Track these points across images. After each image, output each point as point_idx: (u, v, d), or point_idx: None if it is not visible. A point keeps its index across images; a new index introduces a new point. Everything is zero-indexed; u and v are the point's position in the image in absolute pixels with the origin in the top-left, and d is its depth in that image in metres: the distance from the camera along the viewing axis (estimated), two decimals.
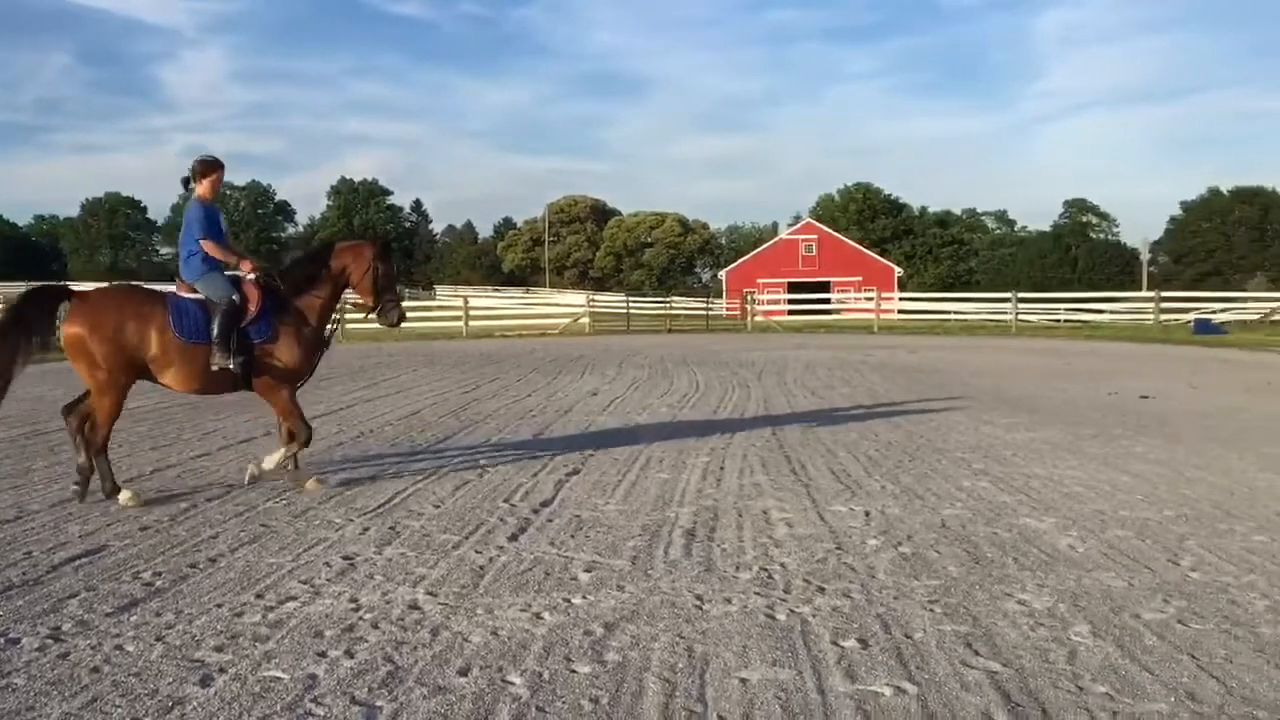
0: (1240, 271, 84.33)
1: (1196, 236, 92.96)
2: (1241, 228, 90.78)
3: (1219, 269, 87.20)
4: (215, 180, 7.93)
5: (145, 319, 7.40)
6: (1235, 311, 41.54)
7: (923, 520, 6.73)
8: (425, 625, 4.64)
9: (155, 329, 7.39)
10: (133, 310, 7.43)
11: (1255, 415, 12.38)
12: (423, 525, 6.54)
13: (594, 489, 7.70)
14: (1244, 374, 18.73)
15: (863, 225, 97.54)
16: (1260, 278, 76.27)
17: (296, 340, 7.79)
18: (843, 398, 14.40)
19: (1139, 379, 17.32)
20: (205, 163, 7.93)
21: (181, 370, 7.48)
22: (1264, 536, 6.26)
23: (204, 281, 7.62)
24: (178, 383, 7.57)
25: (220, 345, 7.42)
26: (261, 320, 7.67)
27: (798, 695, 3.86)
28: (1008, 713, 3.70)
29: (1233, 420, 11.86)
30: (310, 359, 7.95)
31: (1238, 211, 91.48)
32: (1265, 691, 3.90)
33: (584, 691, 3.89)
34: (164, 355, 7.41)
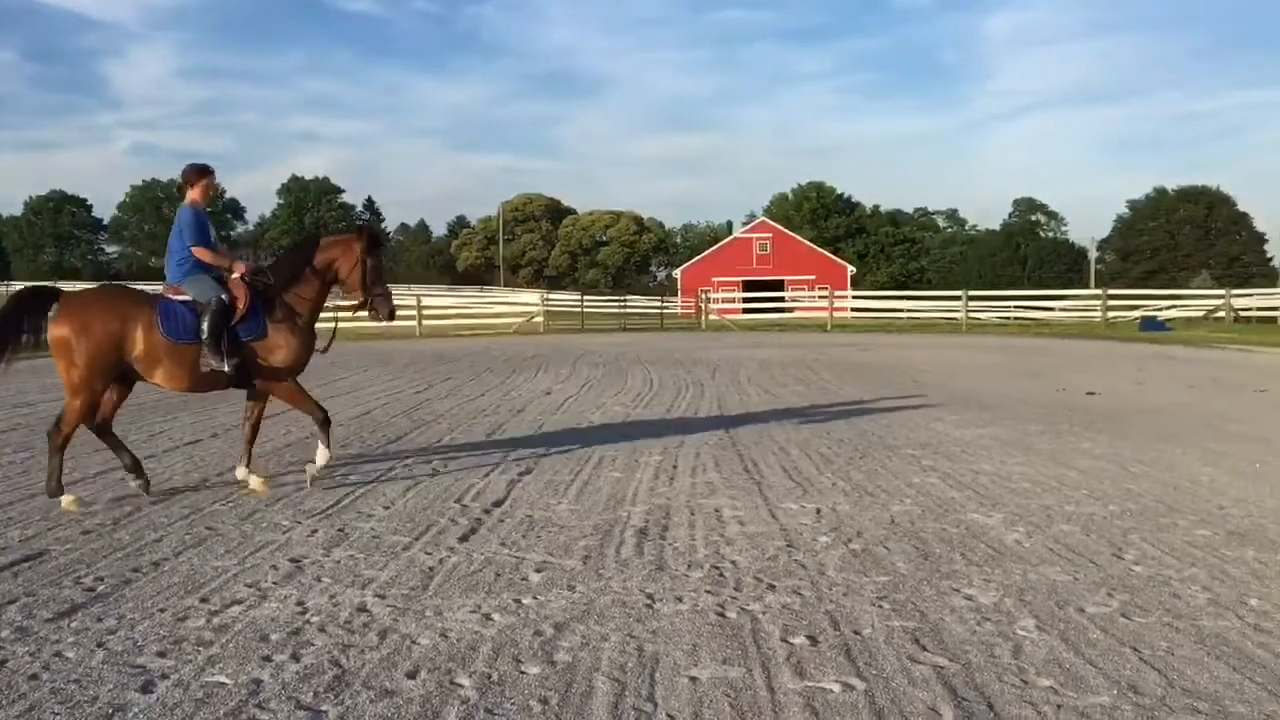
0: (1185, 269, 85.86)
1: (1143, 235, 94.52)
2: (1186, 226, 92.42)
3: (1164, 267, 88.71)
4: (206, 185, 7.90)
5: (133, 320, 7.37)
6: (1180, 309, 42.36)
7: (873, 517, 6.77)
8: (373, 628, 4.60)
9: (143, 329, 7.36)
10: (120, 311, 7.39)
11: (1199, 411, 12.61)
12: (372, 527, 6.48)
13: (546, 489, 7.67)
14: (1188, 370, 19.07)
15: (816, 224, 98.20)
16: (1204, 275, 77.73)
17: (289, 335, 7.77)
18: (796, 396, 14.48)
19: (1086, 376, 17.58)
20: (196, 168, 7.89)
21: (171, 370, 7.46)
22: (1206, 530, 6.38)
23: (190, 283, 7.59)
24: (168, 382, 7.55)
25: (211, 346, 7.39)
26: (251, 318, 7.64)
27: (747, 693, 3.87)
28: (954, 707, 3.73)
29: (1177, 416, 12.07)
30: (304, 352, 7.91)
31: (1183, 211, 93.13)
32: (1205, 683, 3.96)
33: (533, 692, 3.88)
34: (152, 355, 7.39)
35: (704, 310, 45.56)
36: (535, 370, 19.01)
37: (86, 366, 7.21)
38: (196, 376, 7.53)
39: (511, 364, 20.54)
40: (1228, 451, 9.38)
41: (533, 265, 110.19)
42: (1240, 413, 12.44)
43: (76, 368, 7.22)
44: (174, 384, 7.58)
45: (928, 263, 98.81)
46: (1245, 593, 5.10)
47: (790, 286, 70.74)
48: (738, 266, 78.43)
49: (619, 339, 33.04)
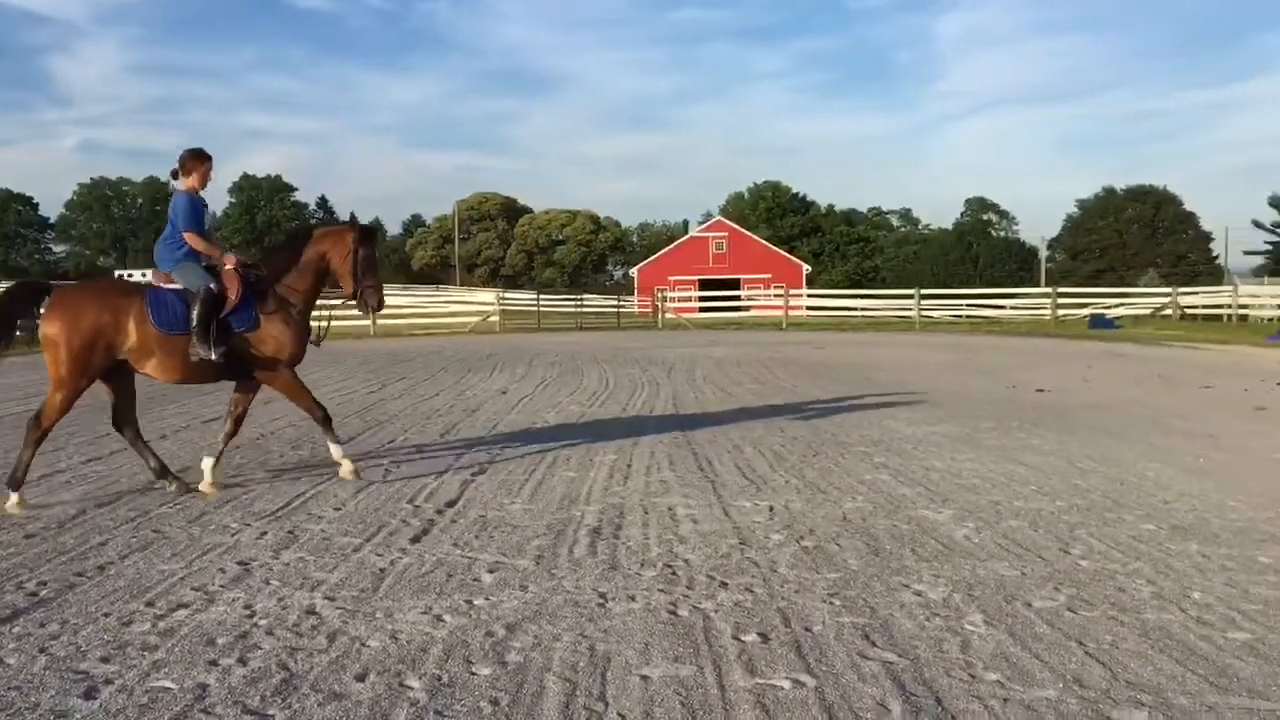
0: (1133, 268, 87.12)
1: (1092, 234, 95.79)
2: (1134, 226, 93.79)
3: (1113, 265, 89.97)
4: (204, 172, 7.87)
5: (124, 312, 7.38)
6: (1128, 306, 43.02)
7: (825, 514, 6.82)
8: (322, 630, 4.55)
9: (134, 320, 7.37)
10: (111, 304, 7.40)
11: (1145, 407, 12.82)
12: (322, 529, 6.42)
13: (500, 488, 7.64)
14: (1136, 367, 19.37)
15: (772, 223, 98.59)
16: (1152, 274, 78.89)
17: (282, 325, 7.77)
18: (751, 394, 14.53)
19: (1036, 373, 17.80)
20: (194, 154, 7.87)
21: (162, 360, 7.47)
22: (1151, 525, 6.48)
23: (180, 270, 7.59)
24: (159, 373, 7.55)
25: (200, 335, 7.40)
26: (243, 309, 7.63)
27: (698, 691, 3.88)
28: (903, 702, 3.77)
29: (1124, 412, 12.26)
30: (298, 343, 7.90)
31: (1131, 210, 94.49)
32: (1149, 676, 4.03)
33: (484, 693, 3.86)
34: (144, 346, 7.39)
35: (660, 309, 45.60)
36: (490, 370, 18.93)
37: (74, 361, 7.25)
38: (188, 367, 7.54)
39: (466, 364, 20.43)
40: (1173, 447, 9.54)
41: (489, 264, 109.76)
42: (1186, 409, 12.66)
43: (64, 363, 7.24)
44: (165, 375, 7.59)
45: (882, 261, 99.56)
46: (1188, 586, 5.19)
47: (746, 285, 70.98)
48: (694, 265, 78.57)
49: (575, 338, 32.99)
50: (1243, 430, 10.70)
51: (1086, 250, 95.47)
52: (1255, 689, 3.89)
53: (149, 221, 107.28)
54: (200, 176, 7.83)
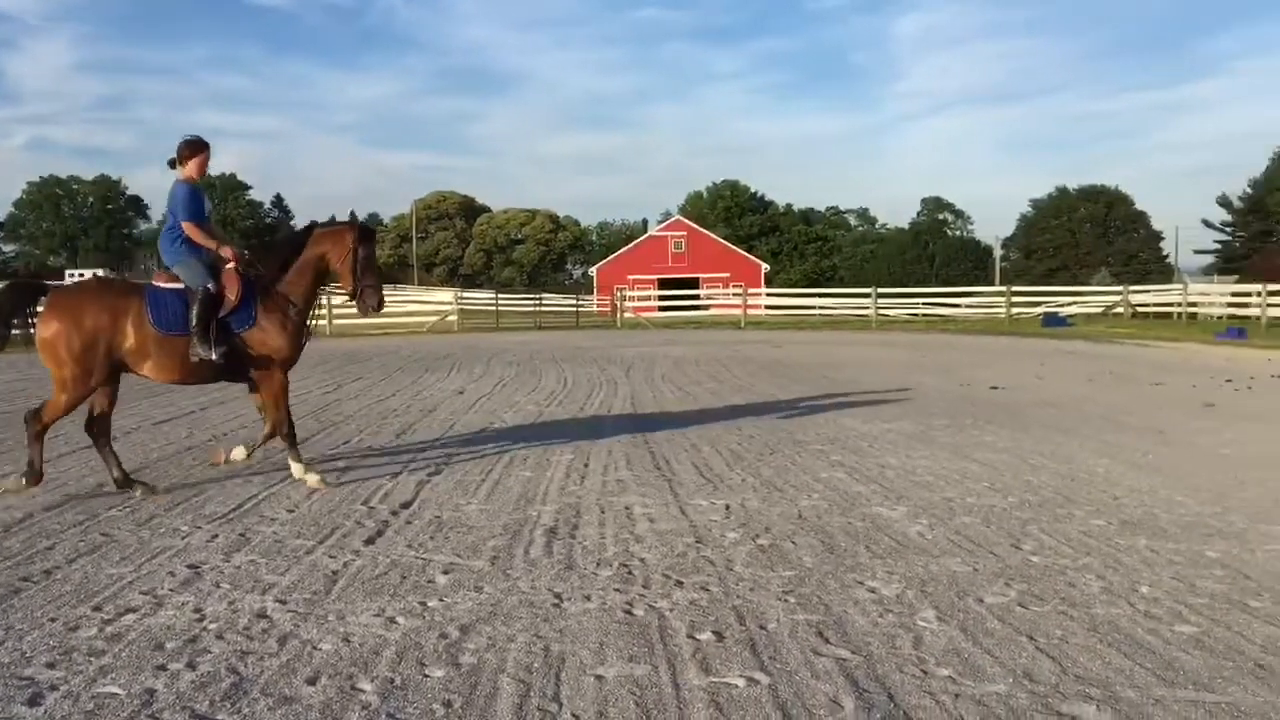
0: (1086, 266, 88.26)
1: (1045, 233, 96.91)
2: (1087, 225, 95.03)
3: (1066, 264, 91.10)
4: (201, 161, 7.83)
5: (122, 313, 7.33)
6: (1081, 305, 43.59)
7: (781, 512, 6.84)
8: (273, 634, 4.50)
9: (132, 321, 7.34)
10: (110, 305, 7.35)
11: (1097, 404, 12.99)
12: (275, 531, 6.35)
13: (456, 489, 7.60)
14: (1087, 365, 19.63)
15: (730, 223, 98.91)
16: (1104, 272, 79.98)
17: (280, 326, 7.73)
18: (709, 393, 14.56)
19: (990, 370, 17.99)
20: (191, 143, 7.81)
21: (160, 361, 7.43)
22: (1101, 520, 6.57)
23: (182, 266, 7.54)
24: (157, 374, 7.52)
25: (200, 336, 7.37)
26: (242, 308, 7.60)
27: (652, 690, 3.88)
28: (855, 699, 3.79)
29: (1076, 409, 12.42)
30: (296, 343, 7.88)
31: (1083, 209, 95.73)
32: (1097, 670, 4.08)
33: (437, 696, 3.83)
34: (142, 347, 7.36)
35: (620, 308, 45.60)
36: (448, 369, 18.83)
37: (77, 364, 7.20)
38: (186, 367, 7.52)
39: (424, 363, 20.31)
40: (1123, 443, 9.68)
41: (447, 264, 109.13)
42: (1136, 405, 12.85)
43: (67, 365, 7.21)
44: (163, 376, 7.56)
45: (839, 260, 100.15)
46: (1137, 581, 5.27)
47: (705, 284, 71.17)
48: (653, 265, 78.70)
49: (534, 337, 32.91)
50: (1191, 426, 10.87)
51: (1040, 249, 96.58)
52: (1201, 681, 3.95)
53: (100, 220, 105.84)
54: (197, 166, 7.79)
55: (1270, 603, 4.90)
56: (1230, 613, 4.76)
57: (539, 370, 18.58)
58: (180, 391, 14.48)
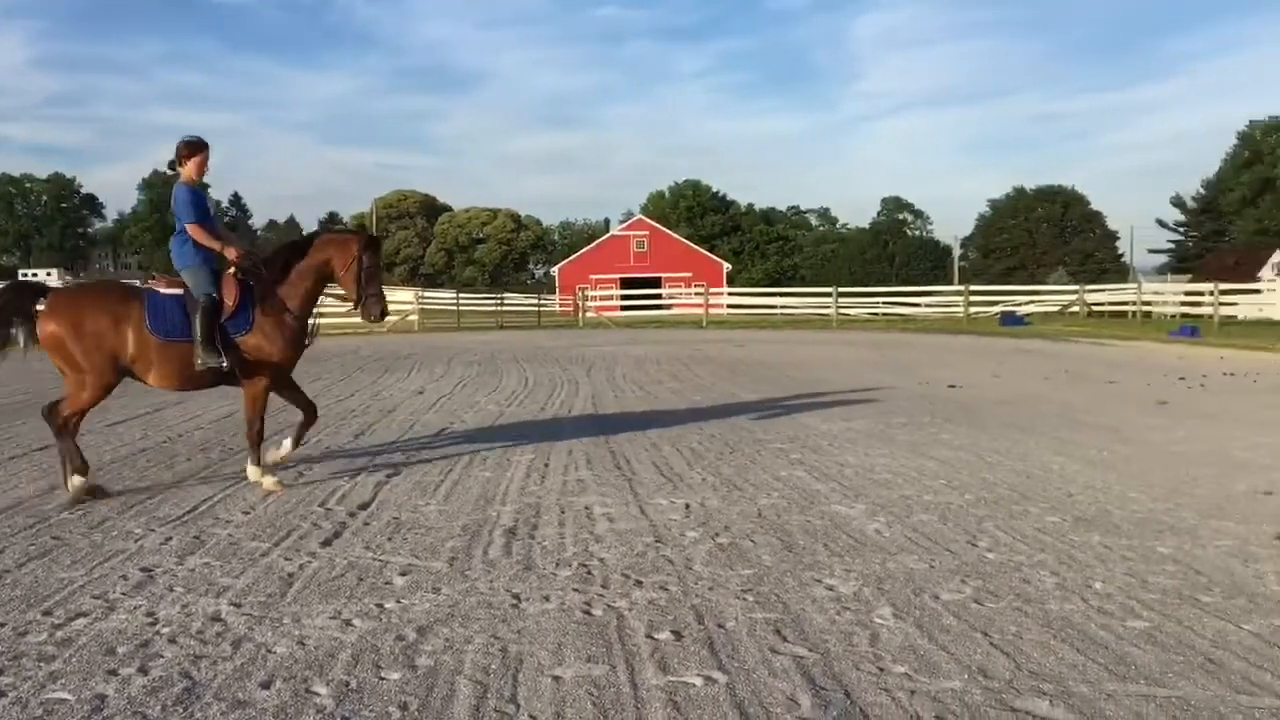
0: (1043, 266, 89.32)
1: (1003, 233, 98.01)
2: (1044, 225, 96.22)
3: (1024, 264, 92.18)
4: (200, 161, 7.76)
5: (122, 317, 7.33)
6: (1038, 304, 44.08)
7: (740, 510, 6.86)
8: (227, 637, 4.45)
9: (132, 327, 7.32)
10: (109, 307, 7.36)
11: (1053, 402, 13.14)
12: (230, 533, 6.28)
13: (415, 490, 7.55)
14: (1044, 363, 19.85)
15: (692, 222, 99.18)
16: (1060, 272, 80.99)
17: (277, 332, 7.69)
18: (670, 392, 14.58)
19: (948, 369, 18.15)
20: (190, 144, 7.75)
21: (162, 369, 7.42)
22: (1055, 517, 6.64)
23: (190, 272, 7.52)
24: (160, 381, 7.54)
25: (205, 345, 7.35)
26: (239, 314, 7.57)
27: (610, 690, 3.87)
28: (812, 696, 3.80)
29: (1032, 407, 12.55)
30: (291, 350, 7.84)
31: (1040, 209, 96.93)
32: (1051, 665, 4.12)
33: (392, 698, 3.80)
34: (143, 354, 7.35)
35: (582, 308, 45.55)
36: (408, 370, 18.72)
37: (88, 364, 7.25)
38: (187, 375, 7.49)
39: (383, 363, 20.19)
40: (1078, 441, 9.79)
41: (408, 263, 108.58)
42: (1091, 403, 13.01)
43: (80, 366, 7.26)
44: (166, 383, 7.57)
45: (801, 260, 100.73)
46: (1090, 576, 5.33)
47: (667, 284, 71.32)
48: (615, 264, 78.69)
49: (495, 337, 32.80)
50: (1145, 424, 11.02)
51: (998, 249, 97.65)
52: (1152, 676, 4.00)
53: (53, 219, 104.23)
54: (197, 166, 7.74)
55: (1220, 598, 4.97)
56: (1181, 608, 4.83)
57: (500, 370, 18.52)
58: (136, 393, 14.30)
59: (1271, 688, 3.87)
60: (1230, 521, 6.51)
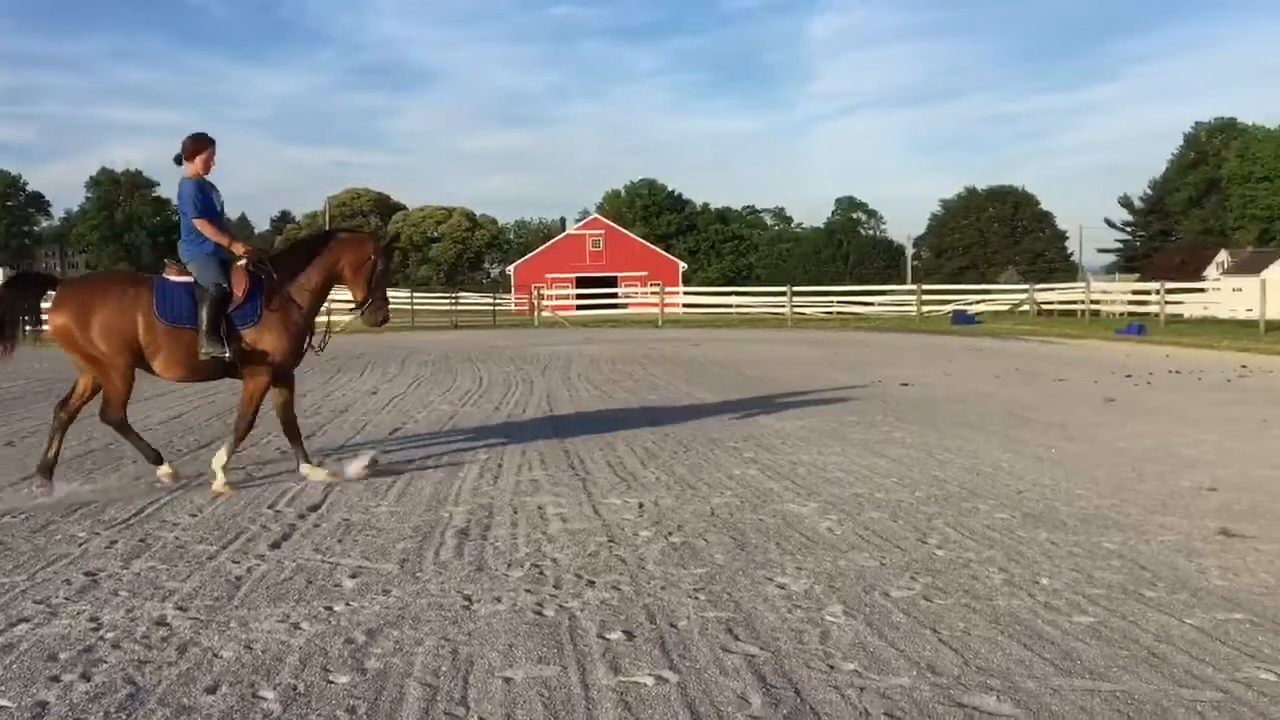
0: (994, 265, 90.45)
1: (955, 233, 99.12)
2: (995, 225, 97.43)
3: (975, 263, 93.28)
4: (207, 157, 7.79)
5: (131, 302, 7.41)
6: (989, 303, 44.59)
7: (694, 510, 6.87)
8: (172, 642, 4.38)
9: (141, 312, 7.35)
10: (117, 295, 7.44)
11: (1002, 400, 13.29)
12: (177, 536, 6.19)
13: (366, 491, 7.49)
14: (994, 361, 20.08)
15: (648, 221, 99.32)
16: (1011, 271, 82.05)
17: (282, 327, 7.69)
18: (625, 391, 14.58)
19: (901, 367, 18.30)
20: (196, 139, 7.77)
21: (168, 355, 7.44)
22: (1004, 514, 6.71)
23: (199, 264, 7.52)
24: (165, 369, 7.54)
25: (210, 334, 7.35)
26: (246, 306, 7.56)
27: (561, 691, 3.85)
28: (763, 695, 3.81)
29: (982, 405, 12.69)
30: (296, 346, 7.83)
31: (991, 209, 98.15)
32: (998, 661, 4.16)
33: (341, 702, 3.77)
34: (152, 340, 7.42)
35: (537, 307, 45.43)
36: (361, 369, 18.57)
37: (102, 349, 7.33)
38: (192, 365, 7.51)
39: (336, 363, 19.98)
40: (1027, 438, 9.91)
41: None
42: (1040, 401, 13.17)
43: (92, 356, 7.36)
44: (171, 371, 7.57)
45: (756, 259, 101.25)
46: (1038, 572, 5.39)
47: (623, 283, 71.24)
48: (571, 263, 78.56)
49: (450, 336, 32.63)
50: (1092, 421, 11.18)
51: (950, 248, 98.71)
52: (1097, 670, 4.06)
53: None
54: (203, 161, 7.76)
55: (1164, 592, 5.06)
56: (1126, 603, 4.90)
57: (454, 369, 18.42)
58: None
59: (1213, 681, 3.94)
60: (1174, 517, 6.62)
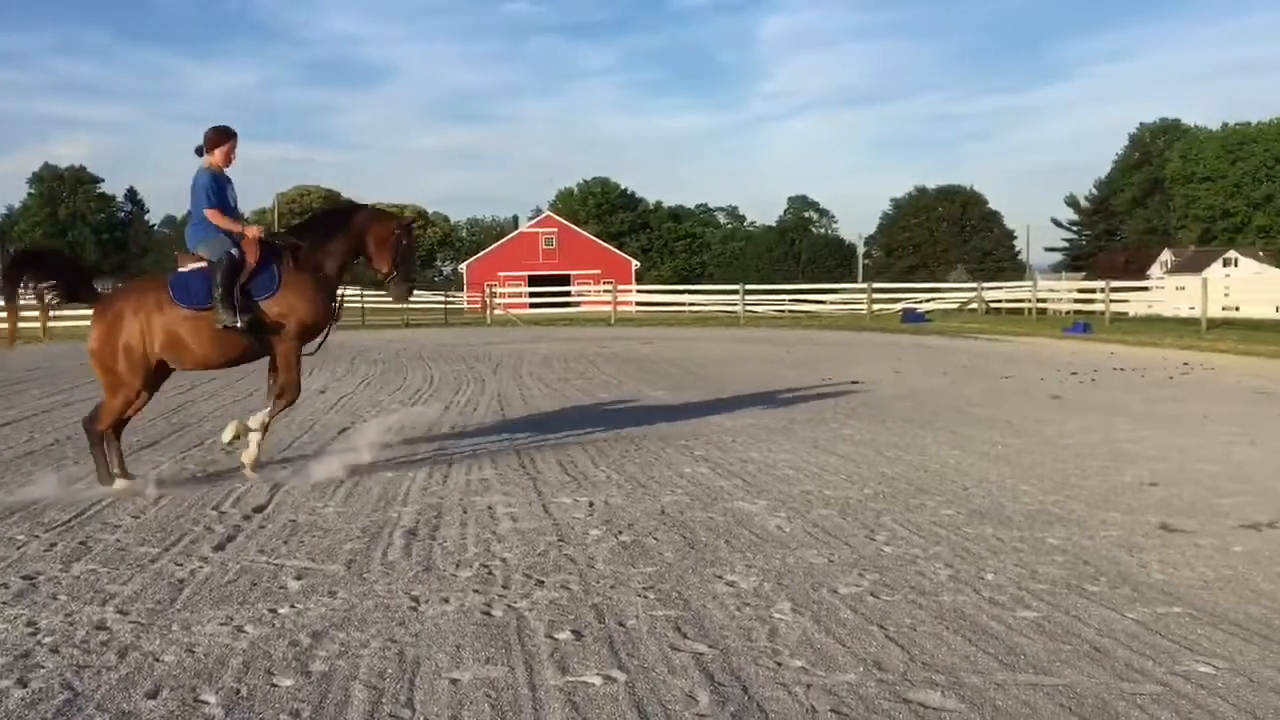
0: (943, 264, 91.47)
1: (905, 232, 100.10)
2: (944, 224, 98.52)
3: (925, 262, 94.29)
4: (228, 149, 7.89)
5: (150, 306, 7.52)
6: (938, 301, 45.09)
7: (644, 508, 6.87)
8: (112, 646, 4.30)
9: (156, 309, 7.51)
10: (135, 305, 7.56)
11: (950, 397, 13.43)
12: (118, 538, 6.08)
13: (313, 491, 7.41)
14: (943, 359, 20.29)
15: (601, 219, 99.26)
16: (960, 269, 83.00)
17: (305, 292, 7.69)
18: (576, 390, 14.55)
19: (851, 365, 18.44)
20: (219, 130, 7.86)
21: (192, 342, 7.52)
22: (951, 510, 6.78)
23: (205, 244, 7.58)
24: (195, 360, 7.67)
25: (224, 303, 7.35)
26: (262, 275, 7.56)
27: (508, 692, 3.84)
28: (710, 692, 3.82)
29: (930, 402, 12.82)
30: (320, 312, 7.85)
31: (941, 209, 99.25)
32: (944, 656, 4.20)
33: (284, 706, 3.72)
34: (169, 333, 7.50)
35: (490, 305, 45.23)
36: (309, 369, 18.30)
37: (118, 368, 7.48)
38: (217, 346, 7.52)
39: None
40: (974, 435, 10.02)
41: None
42: (987, 398, 13.32)
43: (109, 373, 7.51)
44: (196, 359, 7.62)
45: (709, 258, 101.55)
46: (983, 568, 5.45)
47: (576, 281, 71.12)
48: (524, 261, 78.32)
49: (401, 335, 32.39)
50: (1038, 418, 11.33)
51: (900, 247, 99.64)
52: (1040, 665, 4.11)
53: None
54: (224, 154, 7.84)
55: (1106, 587, 5.13)
56: (1069, 597, 4.96)
57: (405, 368, 18.28)
58: (21, 391, 13.80)
59: (1153, 674, 4.00)
60: (1117, 512, 6.72)
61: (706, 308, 46.06)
